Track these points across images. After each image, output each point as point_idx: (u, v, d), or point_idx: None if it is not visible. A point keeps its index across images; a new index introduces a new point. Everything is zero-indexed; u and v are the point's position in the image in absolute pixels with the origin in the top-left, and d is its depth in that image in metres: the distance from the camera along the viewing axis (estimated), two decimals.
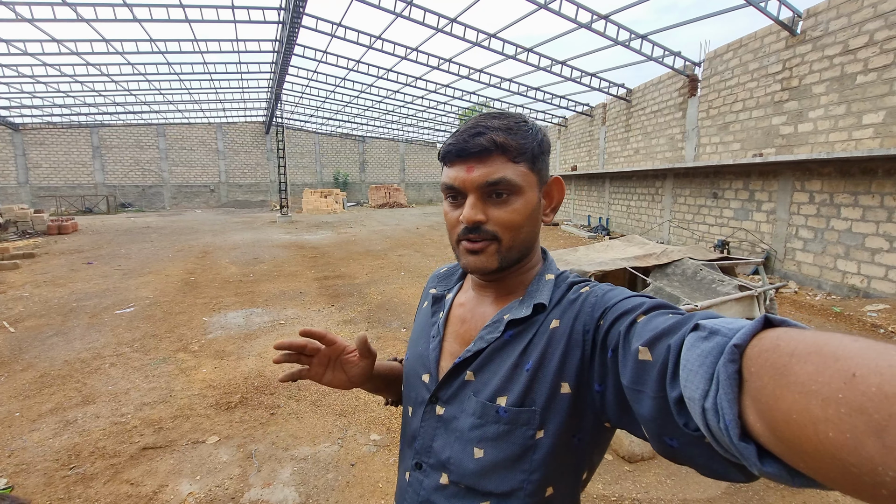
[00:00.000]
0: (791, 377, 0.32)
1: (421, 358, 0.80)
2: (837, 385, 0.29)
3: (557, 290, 0.72)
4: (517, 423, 0.65)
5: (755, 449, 0.36)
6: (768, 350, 0.35)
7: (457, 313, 0.80)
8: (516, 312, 0.70)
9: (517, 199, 0.68)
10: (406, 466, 0.78)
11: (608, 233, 14.42)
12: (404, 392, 0.85)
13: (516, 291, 0.75)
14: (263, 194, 30.88)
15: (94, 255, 10.52)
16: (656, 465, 2.84)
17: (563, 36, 11.17)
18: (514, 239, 0.69)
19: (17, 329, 5.34)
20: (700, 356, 0.41)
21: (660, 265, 3.32)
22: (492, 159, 0.67)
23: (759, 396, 0.34)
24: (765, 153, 8.67)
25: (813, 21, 7.61)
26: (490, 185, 0.67)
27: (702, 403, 0.40)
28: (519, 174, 0.68)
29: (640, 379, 0.50)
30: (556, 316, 0.68)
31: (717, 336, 0.41)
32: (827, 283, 7.38)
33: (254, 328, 5.41)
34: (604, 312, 0.62)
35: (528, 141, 0.69)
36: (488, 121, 0.69)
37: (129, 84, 18.48)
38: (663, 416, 0.47)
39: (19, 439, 3.05)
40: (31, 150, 25.57)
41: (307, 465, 2.83)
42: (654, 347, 0.49)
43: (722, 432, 0.38)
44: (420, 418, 0.76)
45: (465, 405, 0.70)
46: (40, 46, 13.14)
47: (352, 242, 12.67)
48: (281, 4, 11.70)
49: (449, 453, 0.70)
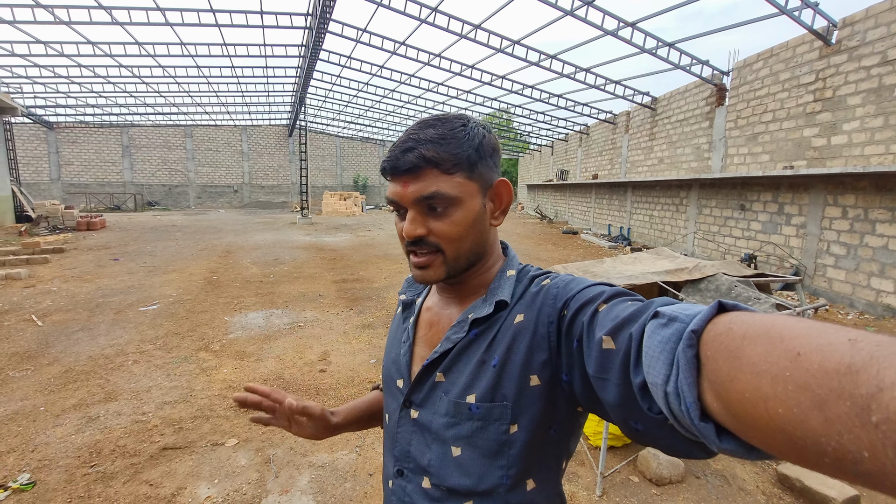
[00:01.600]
0: (743, 359, 0.34)
1: (395, 364, 0.81)
2: (784, 364, 0.31)
3: (519, 285, 0.72)
4: (490, 418, 0.65)
5: (714, 428, 0.38)
6: (722, 334, 0.37)
7: (425, 318, 0.81)
8: (479, 311, 0.71)
9: (456, 211, 0.68)
10: (388, 475, 0.78)
11: (629, 243, 14.17)
12: (384, 399, 0.85)
13: (479, 291, 0.75)
14: (285, 196, 31.34)
15: (120, 251, 10.78)
16: (685, 489, 2.73)
17: (588, 43, 11.07)
18: (459, 249, 0.69)
19: (45, 323, 5.47)
20: (660, 343, 0.43)
21: (692, 280, 3.21)
22: (424, 174, 0.66)
23: (716, 378, 0.36)
24: (795, 165, 8.41)
25: (849, 31, 7.37)
26: (424, 199, 0.67)
27: (664, 388, 0.41)
28: (454, 185, 0.67)
29: (605, 367, 0.51)
30: (520, 310, 0.68)
31: (676, 322, 0.43)
32: (860, 301, 7.08)
33: (274, 330, 5.44)
34: (566, 303, 0.62)
35: (462, 149, 0.67)
36: (420, 132, 0.67)
37: (159, 86, 19.00)
38: (628, 402, 0.49)
39: (43, 434, 3.10)
40: (64, 148, 26.47)
41: (325, 472, 2.80)
42: (617, 336, 0.50)
43: (683, 414, 0.39)
44: (397, 424, 0.77)
45: (437, 406, 0.71)
46: (76, 48, 13.60)
47: (370, 246, 12.72)
48: (308, 10, 11.89)
49: (428, 456, 0.71)
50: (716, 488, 2.74)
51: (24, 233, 12.30)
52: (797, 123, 8.45)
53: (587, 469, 2.91)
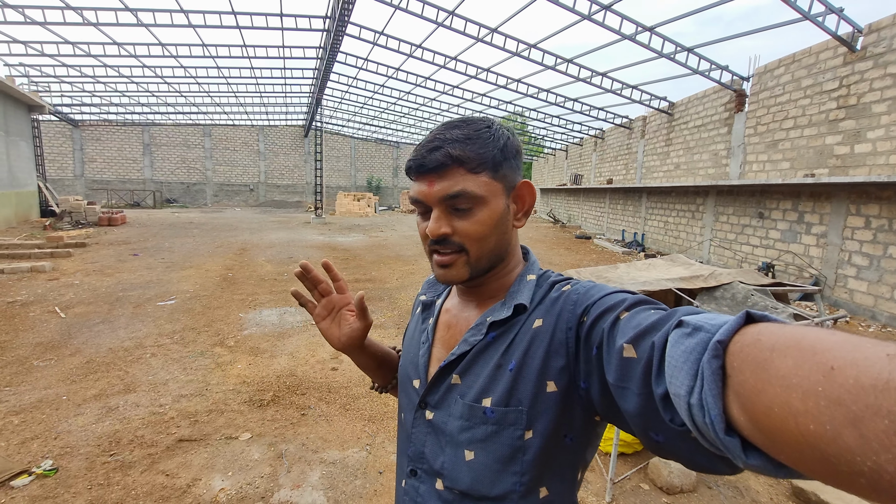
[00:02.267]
0: (772, 371, 0.33)
1: (412, 364, 0.81)
2: (816, 378, 0.29)
3: (539, 290, 0.72)
4: (504, 423, 0.65)
5: (739, 442, 0.36)
6: (750, 345, 0.36)
7: (443, 319, 0.81)
8: (498, 314, 0.71)
9: (481, 210, 0.68)
10: (402, 474, 0.79)
11: (643, 248, 14.02)
12: (399, 398, 0.85)
13: (498, 294, 0.75)
14: (299, 195, 31.69)
15: (139, 247, 11.02)
16: (697, 499, 2.70)
17: (605, 47, 11.01)
18: (482, 249, 0.70)
19: (68, 315, 5.62)
20: (684, 352, 0.42)
21: (708, 288, 3.18)
22: (450, 172, 0.67)
23: (742, 391, 0.35)
24: (817, 173, 8.25)
25: (875, 37, 7.22)
26: (450, 198, 0.67)
27: (687, 399, 0.40)
28: (479, 185, 0.67)
29: (625, 376, 0.50)
30: (539, 315, 0.68)
31: (701, 332, 0.42)
32: (882, 314, 6.91)
33: (287, 327, 5.51)
34: (586, 309, 0.62)
35: (488, 149, 0.68)
36: (446, 132, 0.68)
37: (180, 86, 19.40)
38: (649, 412, 0.47)
39: (65, 422, 3.19)
40: (88, 146, 27.16)
41: (336, 469, 2.83)
42: (639, 344, 0.49)
43: (707, 427, 0.38)
44: (412, 424, 0.77)
45: (452, 408, 0.70)
46: (102, 49, 13.97)
47: (383, 246, 12.80)
48: (327, 13, 12.04)
49: (441, 458, 0.71)
50: (728, 499, 2.70)
51: (49, 227, 12.64)
52: (819, 131, 8.29)
53: (597, 475, 2.89)
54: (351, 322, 0.85)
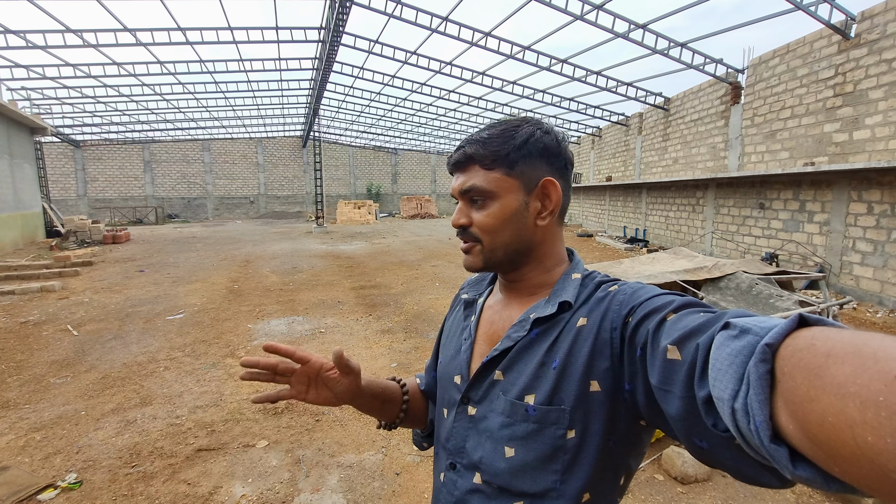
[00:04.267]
0: (827, 378, 0.31)
1: (453, 360, 0.82)
2: (877, 387, 0.27)
3: (584, 289, 0.72)
4: (546, 422, 0.65)
5: (787, 452, 0.35)
6: (802, 350, 0.34)
7: (486, 316, 0.82)
8: (542, 311, 0.71)
9: (492, 204, 0.72)
10: (441, 468, 0.79)
11: (646, 244, 14.04)
12: (438, 395, 0.86)
13: (541, 292, 0.76)
14: (300, 205, 31.82)
15: (145, 263, 11.10)
16: (712, 488, 2.72)
17: (599, 46, 11.09)
18: (493, 241, 0.73)
19: (80, 332, 5.68)
20: (730, 355, 0.40)
21: (712, 279, 3.22)
22: (468, 169, 0.75)
23: (792, 398, 0.33)
24: (816, 162, 8.28)
25: (868, 24, 7.27)
26: (465, 192, 0.74)
27: (731, 404, 0.39)
28: (490, 180, 0.72)
29: (669, 378, 0.49)
30: (584, 314, 0.68)
31: (749, 335, 0.40)
32: (889, 299, 6.92)
33: (296, 336, 5.56)
34: (632, 310, 0.61)
35: (503, 147, 0.72)
36: (477, 134, 0.75)
37: (178, 102, 19.57)
38: (692, 417, 0.46)
39: (86, 437, 3.24)
40: (90, 165, 27.38)
41: (353, 472, 2.87)
42: (683, 346, 0.48)
43: (752, 434, 0.37)
44: (453, 419, 0.77)
45: (494, 404, 0.71)
46: (102, 69, 14.13)
47: (386, 253, 12.85)
48: (322, 24, 12.17)
49: (481, 453, 0.71)
50: (743, 487, 2.72)
51: (55, 247, 12.75)
52: (817, 119, 8.33)
53: None
54: (338, 380, 0.79)
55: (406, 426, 0.97)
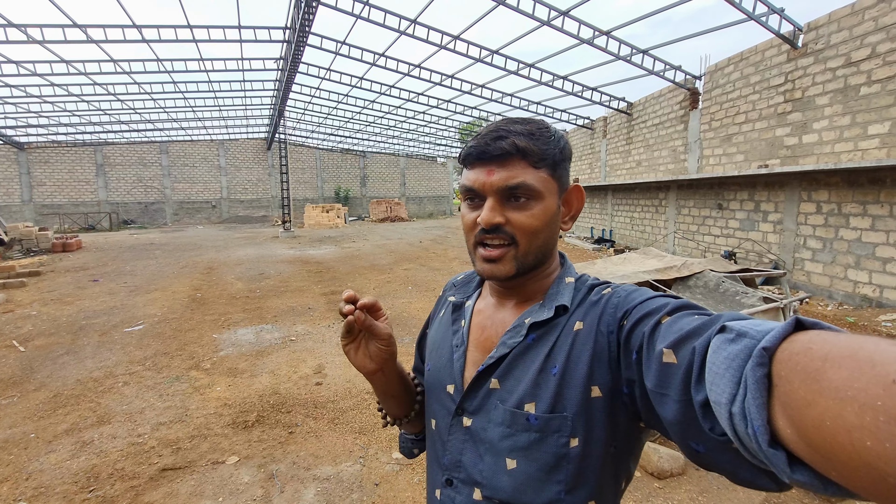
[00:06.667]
0: (824, 382, 0.31)
1: (444, 369, 0.77)
2: (875, 391, 0.27)
3: (578, 293, 0.71)
4: (548, 430, 0.63)
5: (785, 456, 0.35)
6: (799, 353, 0.34)
7: (477, 321, 0.78)
8: (538, 315, 0.69)
9: (536, 205, 0.68)
10: (436, 484, 0.75)
11: (613, 244, 14.42)
12: (427, 405, 0.82)
13: (535, 296, 0.74)
14: (265, 210, 30.97)
15: (99, 272, 10.50)
16: (687, 482, 2.79)
17: (565, 52, 11.33)
18: (531, 244, 0.69)
19: (28, 348, 5.29)
20: (727, 359, 0.40)
21: (681, 278, 3.31)
22: (512, 163, 0.67)
23: (790, 402, 0.33)
24: (770, 164, 8.72)
25: (814, 34, 7.73)
26: (510, 189, 0.67)
27: (728, 408, 0.39)
28: (539, 180, 0.67)
29: (665, 382, 0.49)
30: (579, 318, 0.67)
31: (746, 338, 0.40)
32: (838, 293, 7.35)
33: (265, 345, 5.37)
34: (626, 313, 0.61)
35: (550, 147, 0.68)
36: (511, 125, 0.68)
37: (134, 103, 18.67)
38: (688, 420, 0.46)
39: (36, 461, 3.00)
40: (36, 169, 25.71)
41: (331, 485, 2.78)
42: (679, 349, 0.48)
43: (750, 438, 0.36)
44: (447, 432, 0.74)
45: (492, 415, 0.68)
46: (49, 67, 13.31)
47: (356, 257, 12.66)
48: (287, 24, 11.89)
49: (480, 467, 0.68)
50: (717, 479, 2.80)
51: None
52: (769, 124, 8.78)
53: None
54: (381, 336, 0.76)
55: (411, 426, 0.90)
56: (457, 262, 11.34)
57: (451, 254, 12.98)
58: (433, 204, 36.23)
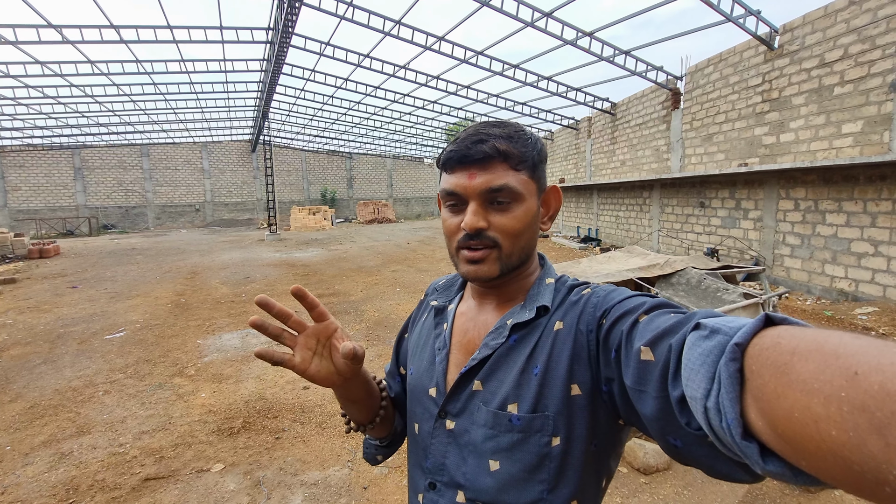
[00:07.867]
0: (792, 375, 0.32)
1: (426, 372, 0.78)
2: (839, 383, 0.28)
3: (559, 294, 0.72)
4: (531, 430, 0.64)
5: (757, 448, 0.36)
6: (769, 348, 0.35)
7: (459, 323, 0.78)
8: (520, 316, 0.70)
9: (518, 207, 0.68)
10: (418, 488, 0.75)
11: (599, 243, 14.57)
12: (409, 409, 0.82)
13: (517, 297, 0.75)
14: (250, 213, 30.60)
15: (78, 278, 10.26)
16: (672, 477, 2.83)
17: (549, 52, 11.42)
18: (514, 245, 0.69)
19: (3, 358, 5.14)
20: (701, 355, 0.41)
21: (664, 275, 3.36)
22: (493, 166, 0.67)
23: (761, 395, 0.34)
24: (749, 163, 8.90)
25: (789, 36, 7.91)
26: (492, 191, 0.67)
27: (704, 403, 0.40)
28: (520, 182, 0.68)
29: (643, 379, 0.50)
30: (559, 318, 0.68)
31: (719, 335, 0.41)
32: (816, 287, 7.53)
33: (251, 349, 5.29)
34: (605, 312, 0.62)
35: (529, 149, 0.69)
36: (489, 128, 0.69)
37: (113, 105, 18.29)
38: (666, 416, 0.47)
39: (12, 474, 2.91)
40: (10, 173, 25.01)
41: (318, 490, 2.75)
42: (656, 347, 0.49)
43: (724, 431, 0.37)
44: (430, 435, 0.74)
45: (475, 416, 0.68)
46: (23, 69, 12.97)
47: (343, 259, 12.58)
48: (270, 25, 11.77)
49: (464, 469, 0.68)
50: (701, 474, 2.85)
51: None
52: (748, 123, 8.96)
53: None
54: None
55: (376, 432, 0.85)
56: (444, 263, 11.33)
57: (438, 255, 12.97)
58: (421, 205, 36.19)
